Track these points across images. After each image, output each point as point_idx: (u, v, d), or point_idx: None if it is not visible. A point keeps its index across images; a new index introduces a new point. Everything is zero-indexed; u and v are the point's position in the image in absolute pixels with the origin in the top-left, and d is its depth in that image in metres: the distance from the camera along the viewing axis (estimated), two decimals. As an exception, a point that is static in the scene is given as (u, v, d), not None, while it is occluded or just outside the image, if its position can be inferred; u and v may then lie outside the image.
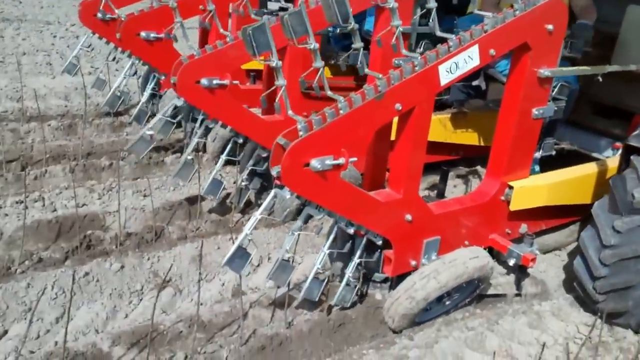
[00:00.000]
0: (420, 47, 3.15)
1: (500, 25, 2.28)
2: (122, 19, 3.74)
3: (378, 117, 2.14)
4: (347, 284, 2.50)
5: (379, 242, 2.36)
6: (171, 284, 2.79)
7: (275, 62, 2.08)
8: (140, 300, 2.71)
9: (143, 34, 3.69)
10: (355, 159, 2.06)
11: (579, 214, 3.15)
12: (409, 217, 2.37)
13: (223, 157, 3.34)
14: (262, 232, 3.26)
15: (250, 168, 3.33)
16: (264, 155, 3.23)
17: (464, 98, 3.77)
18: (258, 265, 3.02)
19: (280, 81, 2.12)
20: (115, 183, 3.68)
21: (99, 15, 4.16)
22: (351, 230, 2.28)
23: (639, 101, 3.33)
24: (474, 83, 3.50)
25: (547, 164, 3.03)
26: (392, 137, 2.47)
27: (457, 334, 2.41)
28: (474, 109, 3.72)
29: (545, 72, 2.49)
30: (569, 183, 2.93)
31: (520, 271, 2.78)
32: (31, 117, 4.69)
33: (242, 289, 2.53)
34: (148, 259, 2.89)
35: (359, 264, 2.48)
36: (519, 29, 2.35)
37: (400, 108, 2.14)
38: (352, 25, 2.23)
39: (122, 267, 2.80)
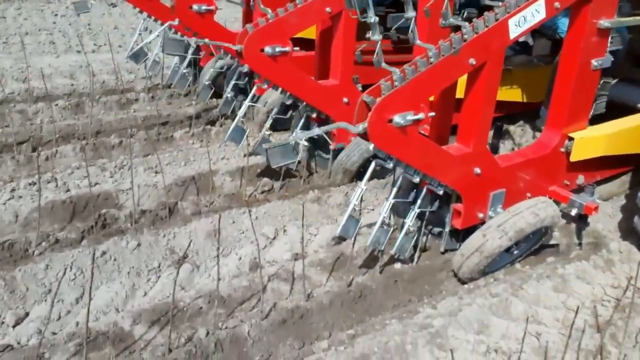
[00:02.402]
0: (463, 16, 3.10)
1: None
2: None
3: (453, 72, 2.20)
4: (406, 234, 2.56)
5: (440, 192, 2.41)
6: (188, 260, 2.77)
7: (373, 18, 2.13)
8: (159, 277, 2.69)
9: (195, 6, 3.87)
10: (433, 113, 2.16)
11: (631, 164, 3.26)
12: (477, 170, 2.44)
13: (272, 115, 3.53)
14: (276, 204, 3.22)
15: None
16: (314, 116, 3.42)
17: (510, 54, 3.67)
18: (274, 238, 2.98)
19: (376, 36, 2.17)
20: (126, 160, 3.65)
21: None
22: (417, 180, 2.36)
23: None
24: (521, 39, 3.39)
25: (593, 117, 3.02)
26: (458, 95, 2.53)
27: (481, 301, 2.37)
28: (519, 66, 3.67)
29: (605, 23, 2.52)
30: (626, 133, 2.99)
31: (582, 220, 2.83)
32: (38, 97, 4.64)
33: (260, 263, 2.50)
34: (164, 236, 2.86)
35: (420, 214, 2.55)
36: None
37: (474, 63, 2.20)
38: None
39: (139, 245, 2.78)
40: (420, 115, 2.09)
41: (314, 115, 3.43)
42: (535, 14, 2.30)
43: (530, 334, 2.20)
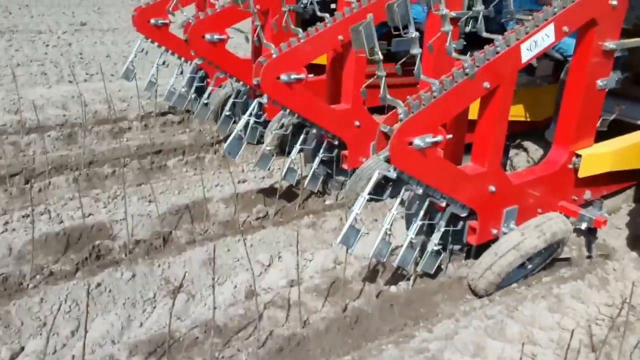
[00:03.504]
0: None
1: (572, 4, 2.46)
2: (190, 21, 3.97)
3: (469, 96, 2.33)
4: (434, 253, 2.66)
5: (443, 204, 2.52)
6: (183, 289, 2.77)
7: (378, 56, 2.20)
8: (154, 308, 2.68)
9: (208, 36, 3.94)
10: (450, 136, 2.27)
11: (635, 179, 3.42)
12: (492, 188, 2.56)
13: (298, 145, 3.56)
14: (271, 230, 3.23)
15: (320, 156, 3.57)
16: (335, 143, 3.53)
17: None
18: (269, 265, 2.99)
19: (380, 72, 2.25)
20: (119, 190, 3.66)
21: (152, 21, 4.52)
22: (443, 203, 2.51)
23: None
24: None
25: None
26: (470, 117, 2.65)
27: (477, 323, 2.38)
28: (522, 86, 3.78)
29: (610, 45, 2.66)
30: (630, 149, 3.11)
31: (591, 234, 2.96)
32: (30, 128, 4.65)
33: (256, 291, 2.50)
34: (159, 266, 2.86)
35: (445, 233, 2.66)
36: (588, 6, 2.53)
37: (488, 86, 2.33)
38: (412, 32, 2.27)
39: (134, 275, 2.77)
40: (439, 138, 2.22)
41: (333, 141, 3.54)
42: (545, 38, 2.43)
43: (526, 356, 2.21)
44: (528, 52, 2.41)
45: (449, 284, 2.78)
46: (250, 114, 3.67)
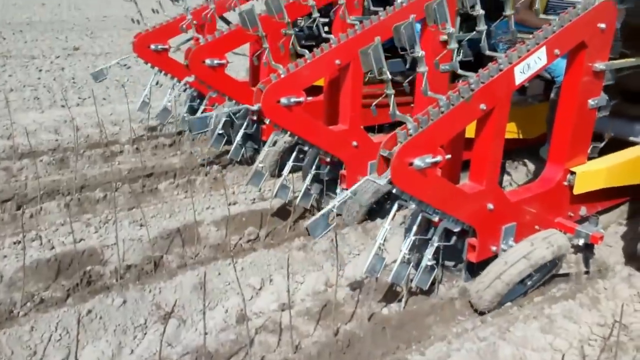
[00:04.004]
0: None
1: (563, 27, 2.56)
2: (192, 47, 4.07)
3: (466, 117, 2.42)
4: (428, 268, 2.68)
5: (435, 219, 2.55)
6: (174, 314, 2.75)
7: (387, 75, 2.24)
8: (145, 334, 2.66)
9: (208, 61, 4.02)
10: (449, 156, 2.34)
11: (630, 195, 3.50)
12: (490, 206, 2.62)
13: (291, 162, 3.62)
14: (262, 253, 3.22)
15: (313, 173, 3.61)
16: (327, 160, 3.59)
17: None
18: (260, 289, 2.98)
19: (389, 90, 2.29)
20: (110, 215, 3.65)
21: (152, 46, 4.62)
22: (436, 218, 2.55)
23: None
24: None
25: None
26: (467, 135, 2.71)
27: (469, 346, 2.37)
28: (515, 105, 3.92)
29: (599, 66, 2.76)
30: (624, 165, 3.18)
31: (588, 250, 3.01)
32: (23, 153, 4.65)
33: (247, 315, 2.49)
34: (150, 291, 2.84)
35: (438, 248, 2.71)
36: (578, 29, 2.63)
37: (484, 108, 2.41)
38: (418, 51, 2.32)
39: (124, 301, 2.76)
40: (438, 158, 2.28)
41: (327, 159, 3.60)
42: (538, 61, 2.51)
43: (519, 378, 2.21)
44: (522, 75, 2.49)
45: (440, 305, 2.78)
46: (272, 144, 3.90)
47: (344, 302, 2.83)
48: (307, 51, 3.34)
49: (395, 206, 2.61)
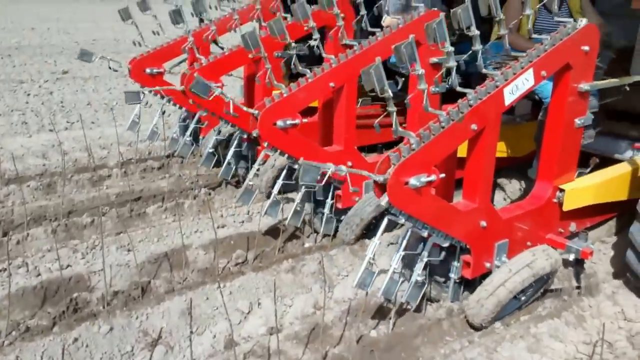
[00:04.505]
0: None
1: (549, 50, 2.66)
2: (185, 72, 4.12)
3: (458, 138, 2.49)
4: (418, 284, 2.72)
5: (424, 234, 2.61)
6: (161, 341, 2.73)
7: (388, 93, 2.30)
8: (132, 362, 2.64)
9: None
10: (444, 175, 2.39)
11: (617, 210, 3.59)
12: (483, 223, 2.67)
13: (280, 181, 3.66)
14: (250, 276, 3.22)
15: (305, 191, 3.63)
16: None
17: None
18: (249, 313, 2.97)
19: (391, 107, 2.34)
20: (98, 240, 3.63)
21: (147, 70, 4.65)
22: (425, 234, 2.62)
23: None
24: None
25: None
26: (459, 155, 2.77)
27: (457, 367, 2.38)
28: (503, 124, 4.04)
29: (584, 86, 2.87)
30: (611, 182, 3.29)
31: (579, 265, 3.08)
32: (9, 179, 4.63)
33: (235, 340, 2.48)
34: (137, 318, 2.83)
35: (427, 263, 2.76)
36: (563, 52, 2.74)
37: (475, 128, 2.48)
38: (419, 70, 2.40)
39: (111, 328, 2.74)
40: (433, 177, 2.34)
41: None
42: (526, 82, 2.61)
43: (506, 398, 2.21)
44: (511, 96, 2.59)
45: (428, 326, 2.79)
46: (262, 162, 3.93)
47: (332, 324, 2.83)
48: (308, 70, 3.44)
49: (385, 220, 2.64)
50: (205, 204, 4.25)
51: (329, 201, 3.65)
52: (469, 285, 2.92)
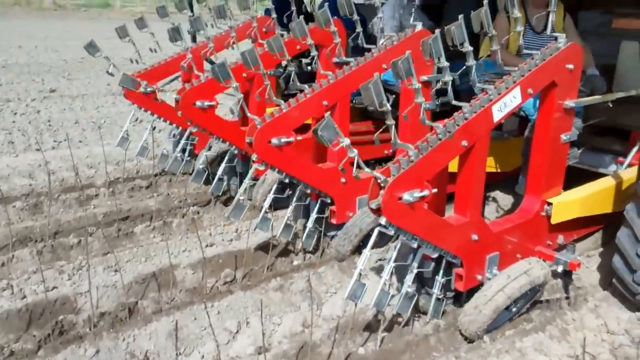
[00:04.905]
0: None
1: (535, 68, 2.76)
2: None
3: (449, 153, 2.56)
4: (409, 295, 2.76)
5: (414, 245, 2.67)
6: (149, 362, 2.72)
7: (386, 107, 2.33)
8: (118, 384, 2.62)
9: (198, 103, 4.12)
10: (436, 190, 2.45)
11: (603, 223, 3.67)
12: (475, 236, 2.73)
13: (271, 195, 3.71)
14: (239, 295, 3.22)
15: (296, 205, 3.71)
16: (328, 201, 3.71)
17: None
18: (237, 332, 2.96)
19: (389, 121, 2.37)
20: (85, 261, 3.61)
21: (141, 89, 4.63)
22: (415, 245, 2.68)
23: (632, 120, 3.92)
24: None
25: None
26: (450, 170, 2.83)
27: (444, 383, 2.39)
28: (491, 140, 4.15)
29: (569, 103, 2.96)
30: (597, 195, 3.39)
31: (567, 276, 3.15)
32: (-5, 200, 4.60)
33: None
34: (123, 340, 2.81)
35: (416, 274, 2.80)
36: (548, 70, 2.82)
37: (466, 144, 2.55)
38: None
39: (97, 351, 2.72)
40: (426, 192, 2.40)
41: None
42: (513, 100, 2.69)
43: (493, 414, 2.22)
44: (499, 113, 2.67)
45: (415, 342, 2.80)
46: (253, 178, 3.99)
47: (320, 342, 2.83)
48: (306, 86, 3.52)
49: (376, 232, 2.69)
50: (194, 223, 4.25)
51: (313, 214, 3.68)
52: (455, 300, 2.96)
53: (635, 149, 3.89)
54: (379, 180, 2.35)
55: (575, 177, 3.46)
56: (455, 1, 5.41)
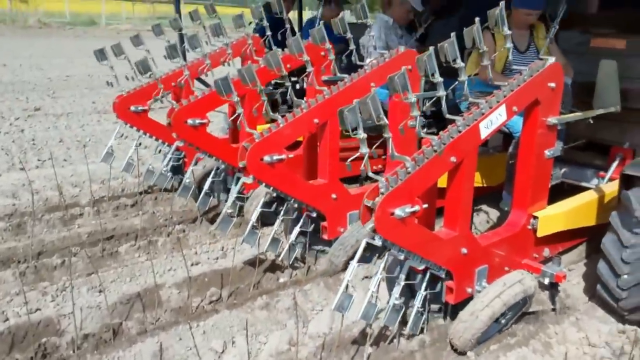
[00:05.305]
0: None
1: (519, 87, 2.86)
2: (175, 107, 4.22)
3: (439, 170, 2.63)
4: (396, 307, 2.77)
5: (401, 257, 2.68)
6: (134, 385, 2.69)
7: (361, 134, 2.41)
8: (102, 407, 2.59)
9: (190, 121, 4.18)
10: (426, 205, 2.51)
11: (587, 235, 3.77)
12: (464, 250, 2.79)
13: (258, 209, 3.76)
14: (224, 314, 3.20)
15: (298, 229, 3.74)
16: (313, 215, 3.75)
17: None
18: (223, 352, 2.95)
19: (364, 150, 2.45)
20: (68, 282, 3.58)
21: (132, 108, 4.71)
22: (402, 257, 2.71)
23: (611, 135, 4.06)
24: None
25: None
26: (439, 185, 2.88)
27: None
28: (478, 156, 4.24)
29: (552, 120, 3.06)
30: (580, 209, 3.49)
31: (553, 288, 3.19)
32: (-23, 221, 4.55)
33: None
34: (108, 362, 2.78)
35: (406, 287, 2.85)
36: (532, 88, 2.93)
37: (454, 160, 2.63)
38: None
39: (80, 374, 2.69)
40: (416, 207, 2.45)
41: (313, 214, 3.75)
42: (499, 117, 2.79)
43: None
44: (486, 130, 2.75)
45: (401, 359, 2.80)
46: (239, 193, 4.08)
47: (306, 360, 2.83)
48: (302, 101, 3.57)
49: (364, 243, 2.70)
50: (179, 242, 4.24)
51: (297, 228, 3.72)
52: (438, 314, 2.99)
53: (615, 164, 4.00)
54: (368, 205, 2.39)
55: (559, 191, 3.53)
56: (440, 23, 5.54)
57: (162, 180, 4.73)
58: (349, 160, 2.66)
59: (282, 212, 3.77)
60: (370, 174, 2.48)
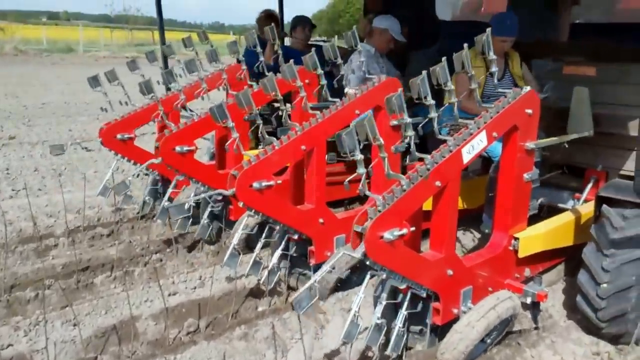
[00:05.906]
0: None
1: (498, 113, 2.99)
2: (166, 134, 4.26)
3: (425, 193, 2.71)
4: (377, 327, 2.80)
5: (383, 276, 2.74)
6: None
7: (358, 156, 2.48)
8: None
9: (177, 148, 4.22)
10: (413, 228, 2.59)
11: (565, 255, 3.88)
12: (450, 271, 2.85)
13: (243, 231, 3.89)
14: (202, 346, 3.15)
15: (281, 252, 3.75)
16: (295, 237, 3.76)
17: None
18: (201, 385, 2.90)
19: (361, 170, 2.49)
20: (42, 316, 3.50)
21: (118, 136, 4.77)
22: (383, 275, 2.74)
23: (585, 158, 4.21)
24: None
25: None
26: (424, 208, 2.95)
27: None
28: None
29: (530, 145, 3.18)
30: (559, 229, 3.61)
31: (535, 307, 3.28)
32: (-53, 254, 4.44)
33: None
34: (81, 398, 2.72)
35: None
36: (510, 115, 3.06)
37: (439, 185, 2.71)
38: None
39: (53, 412, 2.62)
40: (404, 230, 2.52)
41: (295, 237, 3.77)
42: (480, 143, 2.91)
43: None
44: (468, 155, 2.85)
45: (383, 384, 2.80)
46: (246, 227, 4.05)
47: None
48: (297, 124, 3.63)
49: (368, 276, 2.79)
50: (156, 271, 4.18)
51: (278, 251, 3.73)
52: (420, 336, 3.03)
53: (590, 185, 4.13)
54: (357, 231, 2.44)
55: (537, 213, 3.61)
56: (420, 53, 5.67)
57: (204, 231, 4.52)
58: (347, 180, 2.71)
59: (263, 235, 3.78)
60: (392, 174, 2.53)
